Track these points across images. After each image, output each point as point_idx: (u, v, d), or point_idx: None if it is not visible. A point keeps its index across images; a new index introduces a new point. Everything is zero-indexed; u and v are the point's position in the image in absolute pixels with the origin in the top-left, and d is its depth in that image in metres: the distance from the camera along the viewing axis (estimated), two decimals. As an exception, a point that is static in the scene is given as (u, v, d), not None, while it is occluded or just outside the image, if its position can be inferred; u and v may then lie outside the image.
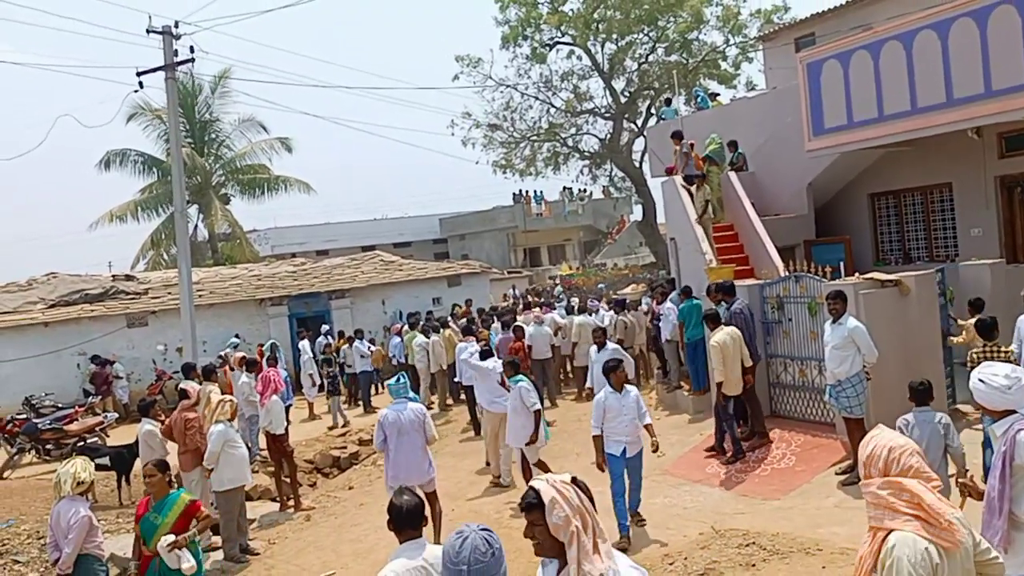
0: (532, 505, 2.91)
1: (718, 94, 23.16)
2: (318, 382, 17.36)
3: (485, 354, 11.43)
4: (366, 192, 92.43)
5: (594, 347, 11.85)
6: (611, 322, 15.07)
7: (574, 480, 3.00)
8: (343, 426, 15.78)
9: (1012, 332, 8.59)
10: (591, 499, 2.98)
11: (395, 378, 8.60)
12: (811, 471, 9.11)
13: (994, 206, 13.43)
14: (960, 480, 4.50)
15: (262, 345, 18.01)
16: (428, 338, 16.38)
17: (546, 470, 9.17)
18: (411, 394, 8.59)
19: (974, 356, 8.09)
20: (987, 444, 5.69)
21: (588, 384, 12.48)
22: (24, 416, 15.33)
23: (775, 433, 10.33)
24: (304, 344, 18.23)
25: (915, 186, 14.71)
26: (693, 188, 14.33)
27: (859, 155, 13.96)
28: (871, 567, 3.02)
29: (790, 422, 10.61)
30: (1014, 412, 4.14)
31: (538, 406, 9.47)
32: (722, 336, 9.77)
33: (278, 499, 11.35)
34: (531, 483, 2.98)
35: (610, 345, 11.57)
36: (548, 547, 2.92)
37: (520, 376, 9.73)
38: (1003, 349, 8.06)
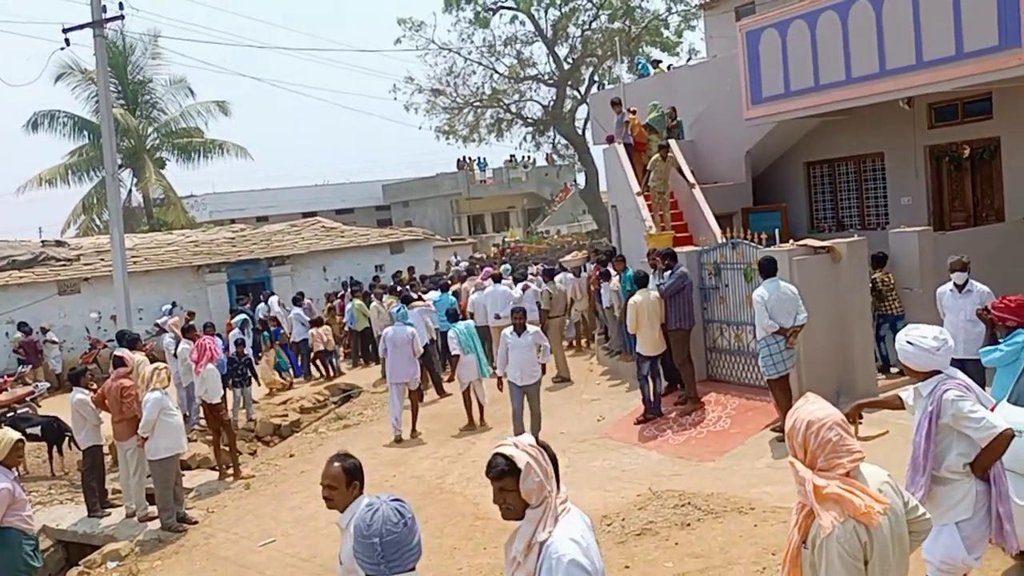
0: (504, 472, 2.90)
1: (660, 61, 23.25)
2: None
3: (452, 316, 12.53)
4: (307, 158, 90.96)
5: (510, 330, 10.00)
6: (539, 290, 14.56)
7: (538, 441, 3.01)
8: (248, 422, 13.94)
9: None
10: (554, 459, 3.01)
11: (397, 308, 12.80)
12: (745, 433, 9.35)
13: (923, 176, 13.83)
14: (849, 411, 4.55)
15: (191, 313, 17.59)
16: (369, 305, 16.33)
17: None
18: (409, 320, 12.21)
19: (876, 280, 10.11)
20: None
21: (500, 373, 10.20)
22: (-51, 387, 14.84)
23: (711, 396, 10.57)
24: (274, 300, 19.13)
25: (849, 155, 15.04)
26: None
27: (796, 124, 14.20)
28: (800, 542, 3.07)
29: (726, 385, 10.84)
30: (939, 372, 4.28)
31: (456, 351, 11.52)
32: (640, 296, 10.24)
33: (217, 468, 11.23)
34: (498, 449, 2.96)
35: (531, 329, 10.05)
36: (518, 512, 2.93)
37: (454, 324, 11.84)
38: (890, 275, 10.27)
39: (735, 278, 10.65)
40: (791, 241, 10.30)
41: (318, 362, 17.22)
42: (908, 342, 4.25)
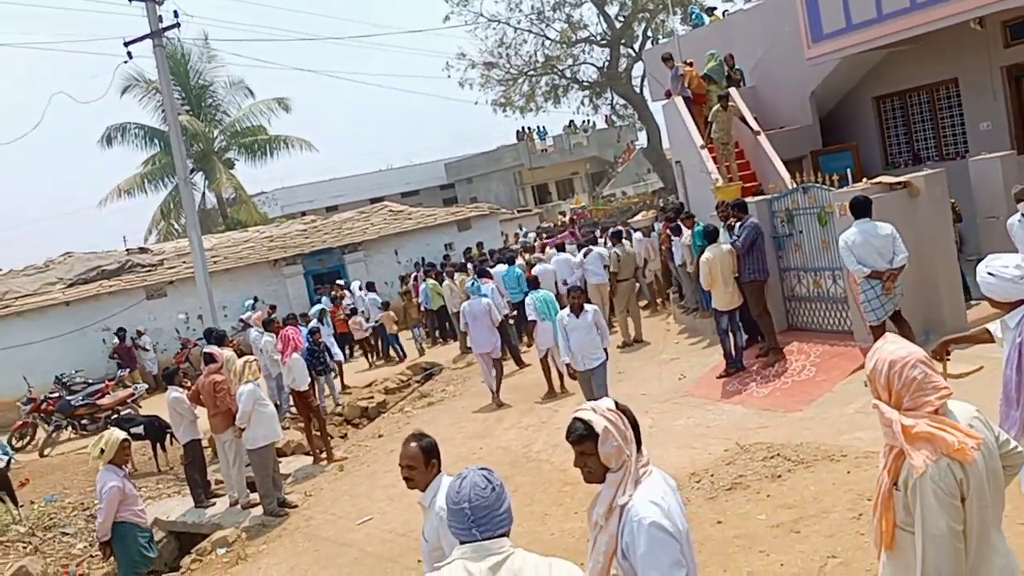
0: (583, 436, 2.94)
1: (715, 8, 22.65)
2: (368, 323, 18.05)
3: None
4: (369, 144, 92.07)
5: (567, 312, 9.31)
6: (607, 253, 14.31)
7: (618, 405, 3.03)
8: (336, 407, 14.39)
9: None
10: (635, 423, 3.03)
11: (471, 282, 13.38)
12: (831, 380, 9.17)
13: (1002, 97, 13.14)
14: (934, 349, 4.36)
15: (273, 306, 18.19)
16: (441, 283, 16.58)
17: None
18: (483, 291, 12.68)
19: None
20: None
21: (564, 359, 9.60)
22: (57, 395, 15.69)
23: (793, 346, 10.39)
24: (355, 285, 19.89)
25: (920, 85, 14.41)
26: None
27: (861, 58, 13.66)
28: (891, 485, 2.99)
29: (808, 334, 10.63)
30: None
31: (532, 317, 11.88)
32: (711, 252, 10.08)
33: (311, 453, 11.60)
34: (577, 414, 3.01)
35: (589, 308, 9.31)
36: (599, 476, 2.99)
37: (534, 291, 12.07)
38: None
39: (809, 223, 10.40)
40: (865, 180, 9.97)
41: (368, 348, 17.96)
42: (989, 273, 4.07)
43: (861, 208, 8.27)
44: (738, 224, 10.39)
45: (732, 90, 14.27)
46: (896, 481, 2.97)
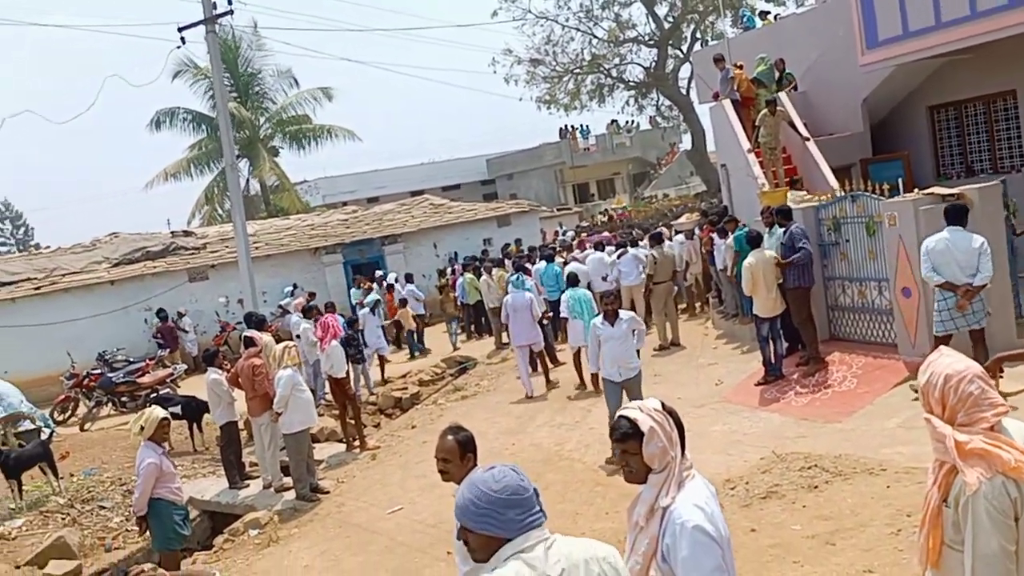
0: (627, 435, 2.90)
1: (768, 12, 22.36)
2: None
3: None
4: (412, 137, 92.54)
5: (600, 320, 8.72)
6: (645, 255, 14.18)
7: (664, 406, 2.99)
8: (370, 396, 14.45)
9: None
10: (680, 425, 2.99)
11: (516, 276, 13.16)
12: (873, 392, 9.01)
13: (1062, 111, 12.84)
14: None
15: (312, 293, 18.36)
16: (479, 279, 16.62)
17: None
18: (527, 285, 12.90)
19: None
20: None
21: (592, 369, 9.43)
22: (99, 371, 15.99)
23: (835, 356, 10.22)
24: (391, 276, 20.06)
25: (977, 95, 14.10)
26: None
27: (916, 66, 13.40)
28: (940, 502, 2.90)
29: (850, 344, 10.45)
30: None
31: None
32: (754, 257, 9.97)
33: (344, 440, 11.68)
34: (623, 412, 2.97)
35: (624, 315, 8.70)
36: (641, 476, 2.95)
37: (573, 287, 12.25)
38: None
39: (857, 232, 10.21)
40: (916, 190, 9.76)
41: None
42: None
43: (955, 215, 7.92)
44: (781, 230, 10.25)
45: (781, 94, 14.10)
46: (946, 498, 2.89)
